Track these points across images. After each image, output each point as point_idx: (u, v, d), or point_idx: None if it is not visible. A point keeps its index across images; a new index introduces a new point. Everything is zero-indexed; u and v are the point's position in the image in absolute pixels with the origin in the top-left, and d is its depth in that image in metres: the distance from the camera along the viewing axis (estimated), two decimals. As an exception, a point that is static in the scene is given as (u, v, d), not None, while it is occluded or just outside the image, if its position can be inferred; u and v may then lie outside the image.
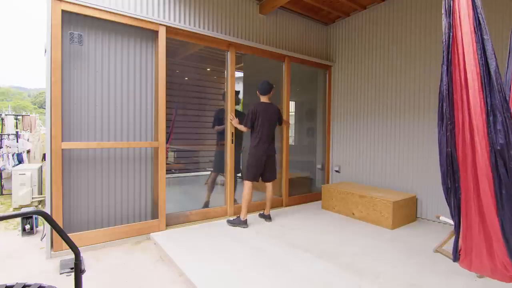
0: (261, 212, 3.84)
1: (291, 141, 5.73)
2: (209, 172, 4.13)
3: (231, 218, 3.62)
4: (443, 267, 2.48)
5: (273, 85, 3.67)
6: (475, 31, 1.37)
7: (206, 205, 3.92)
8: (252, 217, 3.79)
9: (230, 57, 3.76)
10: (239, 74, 4.64)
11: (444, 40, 1.46)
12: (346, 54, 4.87)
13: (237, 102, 3.99)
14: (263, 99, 3.64)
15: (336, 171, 5.05)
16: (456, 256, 1.74)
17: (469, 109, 1.40)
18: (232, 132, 3.72)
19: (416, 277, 2.32)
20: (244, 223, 3.46)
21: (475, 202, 1.49)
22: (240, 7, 3.98)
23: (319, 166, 5.33)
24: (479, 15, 1.36)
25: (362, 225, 3.62)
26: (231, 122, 3.73)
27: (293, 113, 5.91)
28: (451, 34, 1.44)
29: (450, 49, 1.44)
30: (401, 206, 3.59)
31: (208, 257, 2.63)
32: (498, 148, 1.33)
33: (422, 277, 2.33)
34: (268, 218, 3.71)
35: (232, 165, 3.81)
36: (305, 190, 5.00)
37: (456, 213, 1.59)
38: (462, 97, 1.42)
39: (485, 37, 1.35)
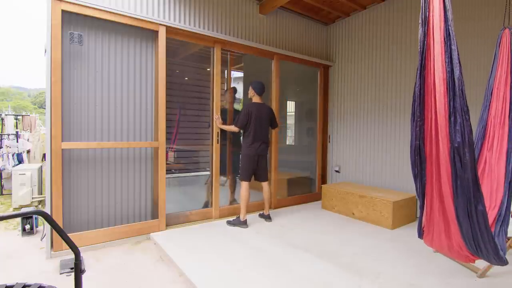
0: (261, 212, 3.84)
1: (291, 141, 5.73)
2: (209, 172, 4.13)
3: (231, 219, 3.62)
4: (443, 267, 2.48)
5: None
6: (445, 41, 1.54)
7: (206, 205, 3.92)
8: (252, 217, 3.79)
9: (216, 54, 3.68)
10: (239, 74, 4.64)
11: (419, 47, 1.63)
12: (346, 54, 4.87)
13: (235, 99, 3.99)
14: (256, 99, 3.64)
15: (336, 171, 5.05)
16: (420, 232, 2.01)
17: (435, 109, 1.59)
18: (218, 132, 3.67)
19: (416, 277, 2.32)
20: (243, 223, 3.46)
21: (436, 189, 1.71)
22: (240, 7, 3.98)
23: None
24: (449, 27, 1.53)
25: (362, 225, 3.62)
26: (215, 122, 3.68)
27: (293, 113, 5.91)
28: (425, 42, 1.61)
29: (424, 55, 1.62)
30: (401, 206, 3.59)
31: (208, 257, 2.63)
32: (456, 145, 1.51)
33: (422, 277, 2.33)
34: (268, 218, 3.71)
35: (217, 166, 3.72)
36: (305, 190, 5.00)
37: (421, 195, 1.83)
38: (431, 99, 1.61)
39: (452, 47, 1.52)
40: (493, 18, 3.21)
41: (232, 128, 3.63)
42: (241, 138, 3.73)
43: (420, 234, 2.00)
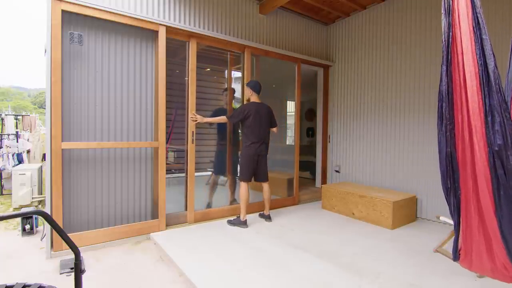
0: (261, 212, 3.84)
1: (291, 141, 5.73)
2: (209, 172, 4.14)
3: (231, 218, 3.62)
4: (443, 267, 2.48)
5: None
6: (474, 31, 1.36)
7: (209, 205, 3.92)
8: (252, 217, 3.79)
9: (191, 48, 3.52)
10: (239, 74, 4.64)
11: (443, 40, 1.46)
12: (346, 54, 4.87)
13: (233, 98, 4.03)
14: (254, 98, 3.62)
15: (336, 171, 5.05)
16: (456, 255, 1.74)
17: (467, 109, 1.40)
18: (193, 131, 3.54)
19: (416, 277, 2.32)
20: (243, 223, 3.46)
21: (474, 202, 1.48)
22: (240, 7, 3.98)
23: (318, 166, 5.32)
24: (478, 15, 1.35)
25: (362, 225, 3.62)
26: (195, 120, 3.52)
27: (293, 113, 5.89)
28: (450, 33, 1.43)
29: (449, 49, 1.44)
30: (401, 206, 3.59)
31: (208, 257, 2.63)
32: (496, 149, 1.32)
33: (422, 277, 2.33)
34: (268, 218, 3.71)
35: (193, 167, 3.56)
36: (306, 190, 4.99)
37: (455, 213, 1.60)
38: (461, 97, 1.42)
39: (484, 37, 1.34)
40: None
41: (220, 119, 3.61)
42: (242, 138, 3.73)
43: (456, 257, 1.75)
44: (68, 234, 1.33)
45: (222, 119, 3.64)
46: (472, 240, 1.59)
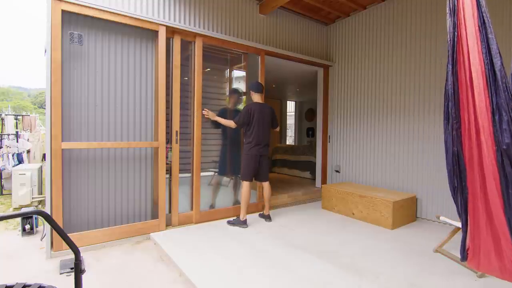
0: (261, 212, 3.84)
1: (291, 141, 5.72)
2: (210, 173, 4.12)
3: (231, 219, 3.63)
4: (443, 267, 2.48)
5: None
6: (479, 30, 1.35)
7: (212, 206, 3.90)
8: (252, 217, 3.79)
9: (175, 45, 3.42)
10: (242, 73, 4.64)
11: (449, 40, 1.45)
12: (346, 54, 4.87)
13: (239, 101, 4.02)
14: (257, 98, 3.63)
15: (336, 171, 5.05)
16: (464, 255, 1.71)
17: (474, 108, 1.38)
18: (177, 131, 3.45)
19: (416, 277, 2.32)
20: (243, 223, 3.46)
21: (482, 201, 1.46)
22: (240, 7, 3.99)
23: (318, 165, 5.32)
24: (484, 14, 1.35)
25: (362, 225, 3.62)
26: (207, 115, 3.62)
27: (293, 113, 5.89)
28: (456, 33, 1.42)
29: (455, 48, 1.43)
30: (401, 206, 3.59)
31: (208, 257, 2.63)
32: (504, 147, 1.30)
33: (422, 277, 2.33)
34: (268, 218, 3.71)
35: (177, 168, 3.45)
36: (306, 190, 4.99)
37: (463, 212, 1.57)
38: (467, 97, 1.40)
39: (489, 36, 1.33)
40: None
41: (230, 123, 3.59)
42: (244, 138, 3.72)
43: (464, 257, 1.71)
44: (68, 234, 1.33)
45: (229, 123, 3.59)
46: (480, 240, 1.56)
